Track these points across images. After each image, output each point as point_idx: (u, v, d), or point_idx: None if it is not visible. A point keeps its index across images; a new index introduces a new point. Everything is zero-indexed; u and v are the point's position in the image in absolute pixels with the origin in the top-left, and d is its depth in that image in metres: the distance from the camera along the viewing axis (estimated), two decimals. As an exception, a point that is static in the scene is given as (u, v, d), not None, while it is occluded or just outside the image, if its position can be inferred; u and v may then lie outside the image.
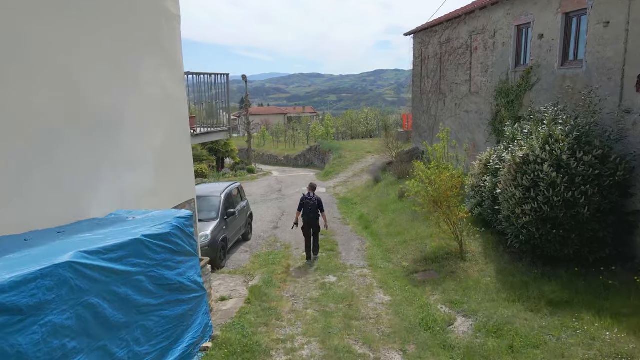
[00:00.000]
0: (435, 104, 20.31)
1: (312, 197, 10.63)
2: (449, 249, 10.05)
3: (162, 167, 6.49)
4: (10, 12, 4.09)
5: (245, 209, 12.52)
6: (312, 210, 10.54)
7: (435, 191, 9.56)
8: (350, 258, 10.72)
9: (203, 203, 10.90)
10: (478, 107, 15.92)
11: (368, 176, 21.81)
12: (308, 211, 10.53)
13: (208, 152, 34.01)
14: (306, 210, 10.55)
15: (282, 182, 24.71)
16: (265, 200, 18.72)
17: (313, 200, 10.58)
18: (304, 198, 10.65)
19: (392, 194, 15.89)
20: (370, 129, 44.98)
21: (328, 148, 31.74)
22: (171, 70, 6.69)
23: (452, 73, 18.14)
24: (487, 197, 10.52)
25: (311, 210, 10.54)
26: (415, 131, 23.32)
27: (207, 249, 9.72)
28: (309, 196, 10.64)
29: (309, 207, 10.54)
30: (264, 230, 13.64)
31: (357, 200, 17.77)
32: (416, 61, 22.91)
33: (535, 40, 12.16)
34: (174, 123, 6.80)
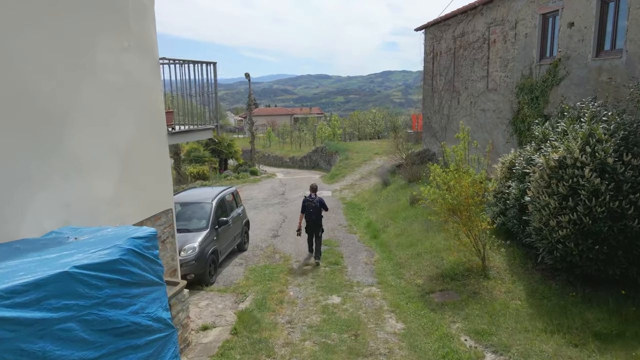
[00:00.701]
0: (448, 102, 19.05)
1: (313, 198, 10.51)
2: (469, 265, 8.82)
3: (129, 171, 5.34)
4: None
5: (241, 216, 11.34)
6: (314, 212, 10.41)
7: (455, 199, 8.34)
8: (357, 273, 9.51)
9: (191, 211, 9.76)
10: (496, 105, 14.66)
11: (376, 179, 20.58)
12: (310, 213, 10.43)
13: (210, 153, 32.96)
14: (308, 212, 10.45)
15: (286, 184, 23.54)
16: (266, 205, 17.55)
17: (315, 201, 10.44)
18: (306, 200, 10.56)
19: (402, 199, 14.66)
20: (378, 130, 43.69)
21: (334, 149, 30.53)
22: (141, 55, 5.55)
23: (467, 69, 16.89)
24: (512, 205, 9.29)
25: (313, 212, 10.41)
26: (426, 132, 22.06)
27: (194, 263, 8.56)
28: (311, 197, 10.53)
29: (310, 209, 10.42)
30: (263, 239, 12.46)
31: (364, 205, 16.55)
32: (427, 58, 21.67)
33: (565, 29, 10.89)
34: (144, 118, 5.66)
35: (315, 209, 10.37)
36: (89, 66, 4.68)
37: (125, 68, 5.23)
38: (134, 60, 5.41)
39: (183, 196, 10.58)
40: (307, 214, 10.47)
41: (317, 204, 10.40)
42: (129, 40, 5.30)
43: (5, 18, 3.77)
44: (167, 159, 6.20)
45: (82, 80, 4.61)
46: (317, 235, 10.48)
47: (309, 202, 10.44)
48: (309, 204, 10.44)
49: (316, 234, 10.47)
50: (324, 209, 10.57)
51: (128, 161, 5.35)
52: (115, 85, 5.09)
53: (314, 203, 10.41)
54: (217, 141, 33.39)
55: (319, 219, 10.45)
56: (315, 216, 10.38)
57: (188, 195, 10.68)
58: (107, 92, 4.98)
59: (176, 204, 10.06)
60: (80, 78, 4.57)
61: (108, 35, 4.98)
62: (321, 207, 10.46)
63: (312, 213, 10.38)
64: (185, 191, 11.57)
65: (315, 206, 10.38)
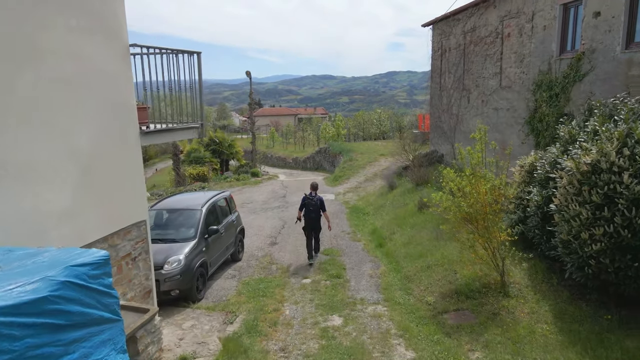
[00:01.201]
0: (457, 101, 18.11)
1: (313, 196, 10.39)
2: (486, 280, 7.90)
3: (89, 176, 4.47)
4: None
5: (235, 223, 10.43)
6: (314, 210, 10.33)
7: (471, 207, 7.41)
8: (361, 288, 8.59)
9: (179, 219, 8.87)
10: (510, 103, 13.71)
11: (382, 182, 19.66)
12: (310, 211, 10.35)
13: (211, 153, 32.14)
14: (308, 210, 10.37)
15: (288, 187, 22.65)
16: (265, 209, 16.65)
17: (315, 200, 10.34)
18: (306, 198, 10.43)
19: (409, 203, 13.73)
20: (383, 130, 42.75)
21: (338, 150, 29.61)
22: (105, 39, 4.68)
23: (479, 66, 15.95)
24: (533, 213, 8.36)
25: (313, 210, 10.33)
26: (434, 132, 21.12)
27: (179, 278, 7.67)
28: (311, 196, 10.40)
29: (310, 207, 10.34)
30: (260, 247, 11.57)
31: (369, 209, 15.63)
32: (435, 55, 20.74)
33: (589, 19, 9.95)
34: (109, 114, 4.78)
35: (315, 207, 10.30)
36: (27, 50, 3.81)
37: (82, 53, 4.36)
38: (95, 44, 4.53)
39: (170, 202, 9.70)
40: (306, 212, 10.40)
41: (317, 203, 10.32)
42: (89, 20, 4.43)
43: None
44: (140, 162, 5.32)
45: (19, 68, 3.73)
46: (316, 237, 10.52)
47: (309, 200, 10.34)
48: (309, 202, 10.34)
49: (315, 234, 10.47)
50: (322, 209, 10.44)
51: (88, 165, 4.48)
52: (68, 75, 4.22)
53: (314, 201, 10.31)
54: (217, 141, 32.60)
55: (318, 217, 10.38)
56: (314, 215, 10.31)
57: (176, 201, 9.78)
58: (60, 83, 4.11)
59: (162, 211, 9.21)
60: (14, 65, 3.70)
61: (61, 12, 4.11)
62: (321, 206, 10.36)
63: (311, 211, 10.31)
64: (173, 196, 10.67)
65: (315, 204, 10.30)
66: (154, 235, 8.59)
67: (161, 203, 9.56)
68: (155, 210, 9.16)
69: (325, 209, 10.57)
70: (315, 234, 10.49)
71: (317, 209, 10.34)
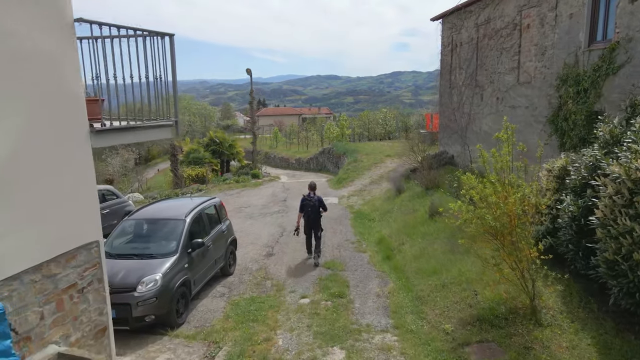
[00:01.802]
0: (469, 99, 16.97)
1: (312, 197, 10.23)
2: (513, 304, 6.78)
3: (10, 187, 3.39)
4: None
5: (225, 233, 9.32)
6: (313, 210, 10.17)
7: (497, 220, 6.29)
8: (367, 311, 7.48)
9: (158, 230, 7.78)
10: (530, 100, 12.56)
11: (388, 184, 18.52)
12: (309, 212, 10.20)
13: (211, 154, 31.09)
14: (307, 211, 10.22)
15: (289, 189, 21.55)
16: (264, 214, 15.56)
17: (313, 200, 10.19)
18: (304, 199, 10.28)
19: (419, 209, 12.60)
20: (389, 130, 41.59)
21: (342, 151, 28.48)
22: (38, 9, 3.60)
23: (493, 60, 14.80)
24: (565, 225, 7.22)
25: (312, 210, 10.17)
26: (443, 132, 19.98)
27: (155, 301, 6.58)
28: (310, 196, 10.25)
29: (309, 208, 10.18)
30: (254, 259, 10.47)
31: (375, 215, 14.50)
32: (445, 50, 19.60)
33: (625, 5, 8.80)
34: (44, 107, 3.71)
35: (313, 207, 10.14)
36: None
37: (2, 26, 3.28)
38: (22, 15, 3.45)
39: (151, 210, 8.61)
40: (305, 213, 10.24)
41: (315, 203, 10.16)
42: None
43: None
44: (90, 167, 4.24)
45: None
46: (316, 235, 10.27)
47: (308, 201, 10.19)
48: (307, 202, 10.19)
49: (315, 233, 10.26)
50: (323, 208, 10.32)
51: (10, 172, 3.40)
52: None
53: (313, 202, 10.16)
54: (218, 142, 31.58)
55: (317, 218, 10.23)
56: (313, 215, 10.17)
57: (157, 209, 8.66)
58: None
59: (140, 221, 8.14)
60: None
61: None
62: (320, 206, 10.22)
63: (310, 212, 10.16)
64: (156, 203, 9.53)
65: (314, 205, 10.15)
66: (129, 250, 7.54)
67: (140, 212, 8.46)
68: (132, 220, 8.09)
69: (326, 208, 10.49)
70: (316, 235, 10.26)
71: (317, 209, 10.17)
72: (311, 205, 10.13)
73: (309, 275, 9.26)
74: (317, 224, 10.22)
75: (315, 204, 10.15)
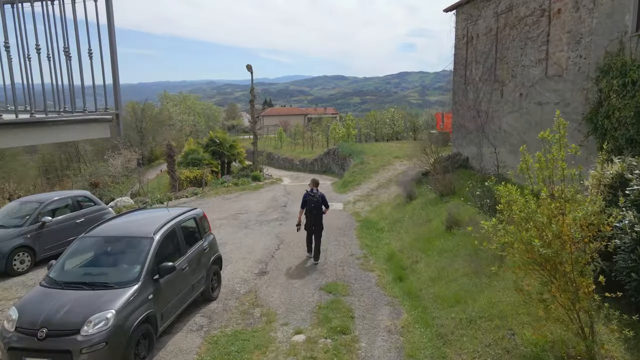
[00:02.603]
0: (487, 95, 15.44)
1: (315, 193, 10.05)
2: (563, 350, 5.29)
3: None
4: None
5: (207, 251, 7.84)
6: (315, 207, 9.96)
7: (548, 246, 4.80)
8: (376, 354, 6.00)
9: (118, 252, 6.33)
10: (561, 95, 11.03)
11: (397, 189, 17.04)
12: (311, 208, 9.97)
13: (211, 155, 29.73)
14: (309, 207, 9.99)
15: (290, 193, 20.11)
16: (261, 222, 14.11)
17: (316, 196, 10.00)
18: (307, 194, 10.08)
19: (434, 219, 11.10)
20: (397, 131, 40.01)
21: (348, 152, 26.98)
22: None
23: (516, 52, 13.27)
24: (626, 248, 5.72)
25: (315, 207, 9.96)
26: (457, 132, 18.46)
27: (104, 347, 5.13)
28: (312, 192, 10.06)
29: (312, 204, 9.97)
30: (244, 278, 9.02)
31: (384, 224, 13.01)
32: (459, 43, 18.08)
33: (689, -23, 7.27)
34: None
35: (316, 204, 9.95)
36: None
37: None
38: None
39: (113, 226, 7.09)
40: (308, 209, 10.02)
41: (318, 199, 9.97)
42: None
43: None
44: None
45: None
46: (317, 234, 10.06)
47: (310, 197, 9.97)
48: (310, 198, 9.97)
49: (316, 232, 10.04)
50: (325, 205, 10.13)
51: None
52: None
53: (315, 198, 9.95)
54: (218, 142, 30.22)
55: (319, 214, 10.01)
56: (316, 212, 9.95)
57: (121, 224, 7.14)
58: None
59: (98, 239, 6.70)
60: None
61: None
62: (322, 202, 10.05)
63: (313, 208, 9.92)
64: (121, 216, 7.91)
65: (317, 201, 9.96)
66: (80, 277, 6.12)
67: (100, 228, 6.94)
68: (90, 238, 6.64)
69: (328, 205, 10.30)
70: (317, 231, 10.03)
71: (319, 205, 9.98)
72: (314, 201, 9.91)
73: (307, 302, 7.80)
74: (319, 220, 10.00)
75: (318, 200, 9.93)
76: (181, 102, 79.75)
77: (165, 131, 69.33)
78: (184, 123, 73.66)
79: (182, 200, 18.43)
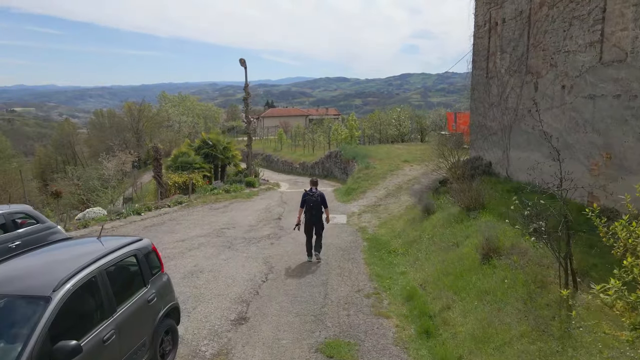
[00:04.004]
0: (516, 90, 13.13)
1: (314, 192, 9.98)
2: None
3: None
4: None
5: (153, 304, 5.28)
6: (314, 206, 9.88)
7: None
8: None
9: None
10: (623, 86, 8.71)
11: (409, 198, 14.73)
12: (311, 208, 9.89)
13: (203, 158, 27.41)
14: (308, 206, 9.90)
15: (287, 202, 17.82)
16: (249, 241, 11.78)
17: (315, 196, 9.91)
18: (306, 194, 10.02)
19: (463, 242, 8.77)
20: (403, 132, 37.69)
21: (352, 155, 24.67)
22: None
23: (557, 36, 10.97)
24: None
25: (314, 206, 9.88)
26: (477, 133, 16.11)
27: None
28: (311, 192, 10.00)
29: (311, 204, 9.88)
30: (215, 330, 6.63)
31: (397, 245, 10.70)
32: (479, 31, 15.79)
33: None
34: None
35: (315, 203, 9.89)
36: None
37: None
38: None
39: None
40: (307, 209, 9.95)
41: (317, 199, 9.91)
42: None
43: None
44: None
45: None
46: (318, 234, 10.00)
47: (309, 197, 9.93)
48: (309, 198, 9.93)
49: (317, 231, 9.98)
50: (324, 205, 10.02)
51: None
52: None
53: (315, 197, 9.90)
54: (211, 144, 27.90)
55: (319, 214, 9.94)
56: (315, 211, 9.90)
57: (6, 271, 4.56)
58: None
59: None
60: None
61: None
62: (322, 202, 9.95)
63: (312, 208, 9.89)
64: (16, 256, 4.90)
65: (316, 200, 9.89)
66: None
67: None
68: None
69: (327, 205, 10.18)
70: (317, 230, 9.96)
71: (318, 205, 9.88)
72: (313, 200, 9.82)
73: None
74: (319, 221, 9.92)
75: (317, 200, 9.84)
76: (180, 103, 77.97)
77: (162, 132, 67.32)
78: (183, 124, 71.69)
79: (164, 211, 16.14)
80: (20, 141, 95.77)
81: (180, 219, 14.74)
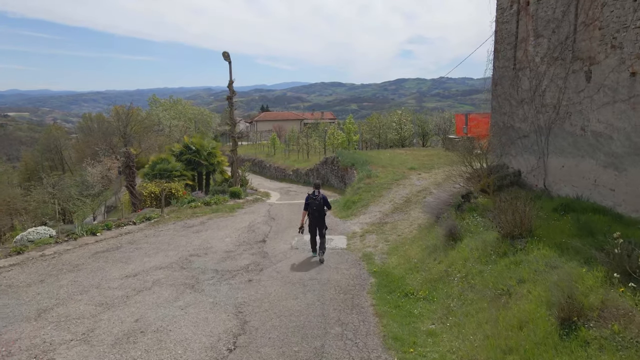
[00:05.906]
0: (558, 82, 10.54)
1: (317, 195, 10.22)
2: None
3: None
4: None
5: None
6: (317, 209, 10.14)
7: None
8: None
9: None
10: None
11: (422, 215, 12.07)
12: (313, 210, 10.18)
13: (185, 164, 24.63)
14: (312, 209, 10.20)
15: (275, 218, 15.09)
16: (221, 276, 9.03)
17: (318, 199, 10.18)
18: (309, 197, 10.25)
19: (519, 291, 6.08)
20: (404, 136, 35.09)
21: (350, 162, 22.01)
22: None
23: (620, 10, 8.39)
24: None
25: (317, 209, 10.14)
26: (501, 137, 13.45)
27: None
28: (314, 195, 10.22)
29: (314, 207, 10.17)
30: None
31: (416, 284, 8.01)
32: (504, 15, 13.21)
33: None
34: None
35: (318, 206, 10.16)
36: None
37: None
38: None
39: None
40: (310, 211, 10.22)
41: (320, 201, 10.18)
42: None
43: None
44: None
45: None
46: (320, 233, 10.19)
47: (312, 200, 10.18)
48: (312, 201, 10.18)
49: (320, 232, 10.18)
50: (327, 206, 10.35)
51: None
52: None
53: (317, 200, 10.16)
54: (194, 149, 25.14)
55: (322, 215, 10.18)
56: (318, 213, 10.15)
57: None
58: None
59: None
60: None
61: None
62: (324, 204, 10.24)
63: (315, 210, 10.14)
64: None
65: (319, 203, 10.17)
66: None
67: None
68: None
69: (330, 207, 10.51)
70: (321, 231, 10.18)
71: (321, 207, 10.17)
72: (316, 204, 10.12)
73: None
74: (322, 222, 10.18)
75: (320, 202, 10.15)
76: (172, 107, 75.35)
77: (152, 136, 64.45)
78: (174, 128, 68.90)
79: (126, 230, 13.37)
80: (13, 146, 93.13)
81: (142, 241, 11.98)
